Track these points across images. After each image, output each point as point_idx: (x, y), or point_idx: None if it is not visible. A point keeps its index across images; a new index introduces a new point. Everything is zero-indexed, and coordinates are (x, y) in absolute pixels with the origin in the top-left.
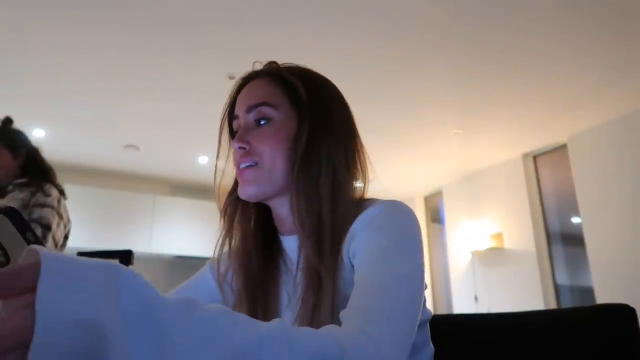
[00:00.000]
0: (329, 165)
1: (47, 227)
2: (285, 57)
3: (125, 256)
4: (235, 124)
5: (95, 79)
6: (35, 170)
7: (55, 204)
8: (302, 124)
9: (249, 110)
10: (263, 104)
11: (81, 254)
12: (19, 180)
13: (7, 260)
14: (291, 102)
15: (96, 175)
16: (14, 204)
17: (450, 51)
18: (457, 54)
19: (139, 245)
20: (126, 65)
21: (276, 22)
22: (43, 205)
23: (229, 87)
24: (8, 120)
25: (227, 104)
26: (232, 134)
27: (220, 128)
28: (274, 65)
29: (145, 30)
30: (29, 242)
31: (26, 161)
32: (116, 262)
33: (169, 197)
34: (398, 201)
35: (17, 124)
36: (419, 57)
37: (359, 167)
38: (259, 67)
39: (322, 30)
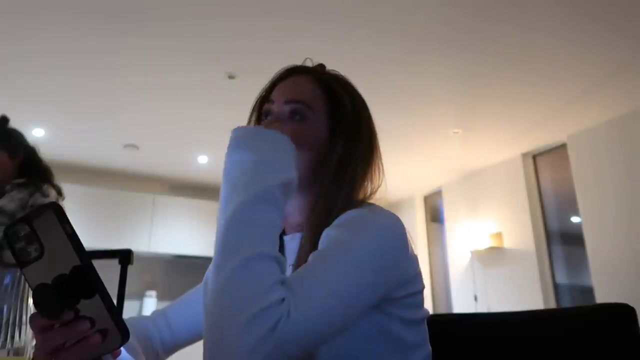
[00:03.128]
0: (351, 182)
1: None
2: (284, 57)
3: (125, 255)
4: (266, 106)
5: (95, 79)
6: (33, 171)
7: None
8: (337, 140)
9: (288, 102)
10: (304, 103)
11: None
12: (17, 181)
13: (42, 254)
14: (330, 112)
15: (96, 175)
16: (12, 204)
17: (449, 50)
18: (456, 53)
19: (139, 245)
20: (126, 64)
21: (275, 22)
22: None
23: (229, 86)
24: (4, 120)
25: (265, 88)
26: (258, 118)
27: (252, 109)
28: (323, 70)
29: (145, 29)
30: (67, 235)
31: (24, 161)
32: None
33: (168, 197)
34: (382, 211)
35: (17, 124)
36: (417, 56)
37: (371, 179)
38: (309, 63)
39: (321, 30)
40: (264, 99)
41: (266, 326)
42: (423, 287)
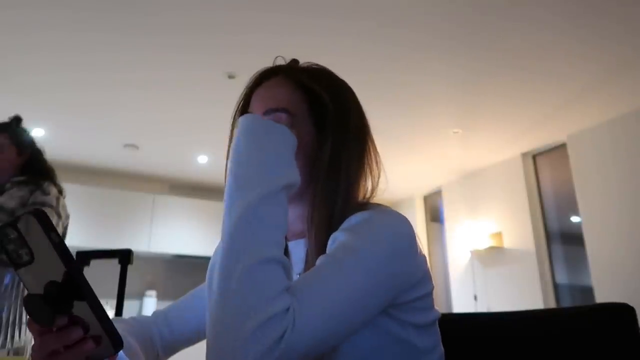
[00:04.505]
0: (347, 177)
1: (49, 206)
2: (284, 54)
3: (125, 255)
4: None
5: (95, 79)
6: (35, 170)
7: (54, 203)
8: (325, 137)
9: (266, 112)
10: (282, 110)
11: (80, 253)
12: (18, 178)
13: (32, 259)
14: (311, 111)
15: (96, 175)
16: (12, 202)
17: (449, 50)
18: (456, 53)
19: (139, 245)
20: (126, 64)
21: (275, 21)
22: (42, 205)
23: (229, 85)
24: (18, 119)
25: (242, 97)
26: None
27: (232, 122)
28: (297, 66)
29: (145, 29)
30: (53, 243)
31: (28, 160)
32: None
33: (168, 197)
34: (389, 212)
35: None
36: (417, 56)
37: (369, 172)
38: (281, 61)
39: (320, 29)
40: (243, 109)
41: (272, 338)
42: (432, 288)
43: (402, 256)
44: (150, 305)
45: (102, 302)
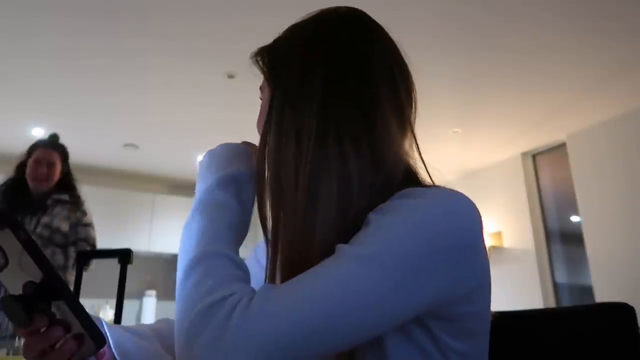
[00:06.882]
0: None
1: (93, 246)
2: None
3: (124, 255)
4: None
5: (95, 78)
6: (70, 186)
7: (92, 221)
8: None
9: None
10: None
11: (80, 252)
12: (58, 197)
13: (7, 261)
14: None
15: (95, 174)
16: (65, 225)
17: (449, 50)
18: (456, 54)
19: (138, 244)
20: (125, 64)
21: (275, 21)
22: (87, 225)
23: (228, 85)
24: (57, 136)
25: None
26: None
27: None
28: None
29: (144, 29)
30: (20, 240)
31: (66, 174)
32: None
33: (168, 196)
34: (450, 193)
35: (17, 123)
36: (417, 56)
37: (376, 134)
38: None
39: None
40: None
41: (216, 319)
42: (489, 304)
43: (447, 254)
44: (150, 305)
45: (102, 302)
